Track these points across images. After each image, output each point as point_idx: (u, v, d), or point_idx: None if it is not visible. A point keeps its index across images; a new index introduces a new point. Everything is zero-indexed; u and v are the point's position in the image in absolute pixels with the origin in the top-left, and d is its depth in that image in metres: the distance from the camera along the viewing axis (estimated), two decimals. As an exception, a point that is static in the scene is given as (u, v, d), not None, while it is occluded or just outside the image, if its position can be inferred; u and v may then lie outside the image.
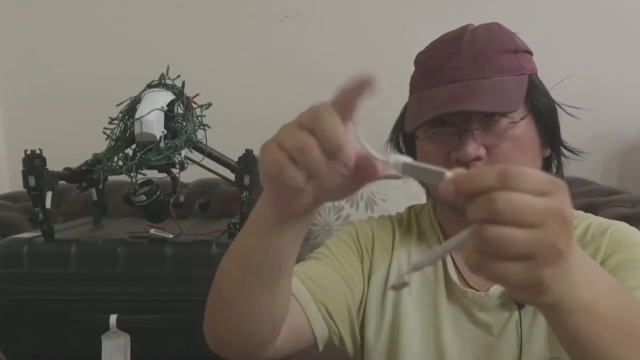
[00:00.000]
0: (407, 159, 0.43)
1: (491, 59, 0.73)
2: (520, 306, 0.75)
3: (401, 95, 0.83)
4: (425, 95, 0.76)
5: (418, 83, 0.79)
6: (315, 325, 0.74)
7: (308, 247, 1.73)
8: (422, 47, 0.82)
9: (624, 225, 0.77)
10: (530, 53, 0.78)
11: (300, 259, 2.06)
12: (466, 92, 0.71)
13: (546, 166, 0.80)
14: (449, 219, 0.83)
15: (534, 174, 0.41)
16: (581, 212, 0.82)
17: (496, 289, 0.76)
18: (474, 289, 0.77)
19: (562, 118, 0.79)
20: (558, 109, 0.79)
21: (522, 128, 0.73)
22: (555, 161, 0.81)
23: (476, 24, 0.78)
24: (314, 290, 0.74)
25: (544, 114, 0.76)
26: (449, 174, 0.42)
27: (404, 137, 0.84)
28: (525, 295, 0.44)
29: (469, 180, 0.42)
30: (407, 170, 0.43)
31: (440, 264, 0.81)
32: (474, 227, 0.41)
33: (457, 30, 0.77)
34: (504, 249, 0.40)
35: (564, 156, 0.81)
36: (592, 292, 0.47)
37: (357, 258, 0.82)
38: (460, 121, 0.72)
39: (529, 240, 0.40)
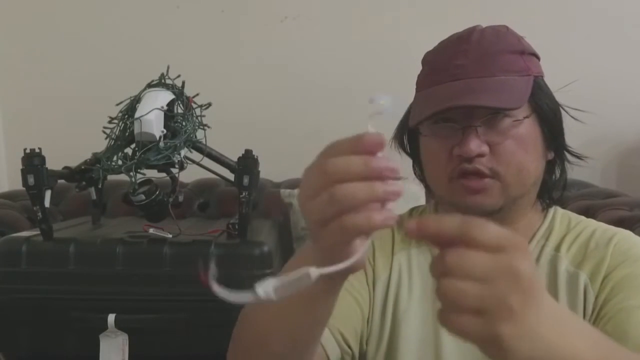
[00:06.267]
0: (272, 283, 0.42)
1: (497, 58, 0.73)
2: None
3: (401, 96, 0.83)
4: (430, 92, 0.76)
5: (424, 81, 0.79)
6: (330, 352, 0.73)
7: (307, 247, 1.73)
8: (422, 49, 0.82)
9: (628, 234, 0.77)
10: (538, 57, 0.78)
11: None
12: (469, 88, 0.72)
13: (550, 170, 0.80)
14: None
15: (492, 229, 0.43)
16: (583, 218, 0.81)
17: None
18: None
19: (564, 121, 0.79)
20: (563, 113, 0.79)
21: (525, 127, 0.73)
22: (559, 165, 0.81)
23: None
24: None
25: (547, 115, 0.76)
26: (313, 271, 0.43)
27: (408, 135, 0.84)
28: (491, 353, 0.44)
29: (434, 224, 0.44)
30: (279, 292, 0.42)
31: None
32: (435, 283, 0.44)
33: (465, 31, 0.77)
34: (457, 301, 0.42)
35: (568, 161, 0.81)
36: (572, 347, 0.46)
37: (362, 270, 0.82)
38: (463, 118, 0.72)
39: (477, 294, 0.42)
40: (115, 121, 1.22)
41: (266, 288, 0.41)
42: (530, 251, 0.45)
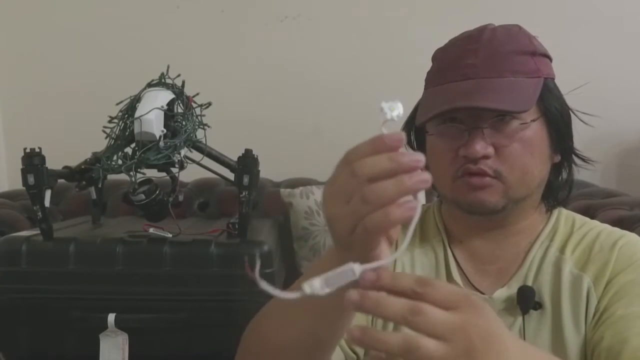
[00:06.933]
0: (318, 280, 0.44)
1: (507, 59, 0.73)
2: (524, 312, 0.74)
3: (401, 96, 0.83)
4: (439, 90, 0.76)
5: (433, 78, 0.79)
6: (333, 355, 0.73)
7: (307, 247, 1.73)
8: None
9: (634, 237, 0.76)
10: (549, 58, 0.77)
11: (300, 259, 2.05)
12: (478, 89, 0.71)
13: (556, 172, 0.79)
14: (454, 219, 0.83)
15: (446, 288, 0.43)
16: (588, 219, 0.81)
17: (501, 293, 0.76)
18: (479, 291, 0.77)
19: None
20: (572, 116, 0.78)
21: (532, 130, 0.73)
22: (566, 168, 0.80)
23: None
24: None
25: (556, 118, 0.75)
26: (357, 267, 0.44)
27: (415, 133, 0.84)
28: None
29: (391, 279, 0.44)
30: (325, 287, 0.44)
31: (442, 266, 0.81)
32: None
33: (476, 29, 0.76)
34: (421, 356, 0.42)
35: (575, 164, 0.80)
36: None
37: None
38: (471, 119, 0.72)
39: (438, 351, 0.42)
40: (115, 121, 1.22)
41: (312, 285, 0.43)
42: (491, 309, 0.46)
